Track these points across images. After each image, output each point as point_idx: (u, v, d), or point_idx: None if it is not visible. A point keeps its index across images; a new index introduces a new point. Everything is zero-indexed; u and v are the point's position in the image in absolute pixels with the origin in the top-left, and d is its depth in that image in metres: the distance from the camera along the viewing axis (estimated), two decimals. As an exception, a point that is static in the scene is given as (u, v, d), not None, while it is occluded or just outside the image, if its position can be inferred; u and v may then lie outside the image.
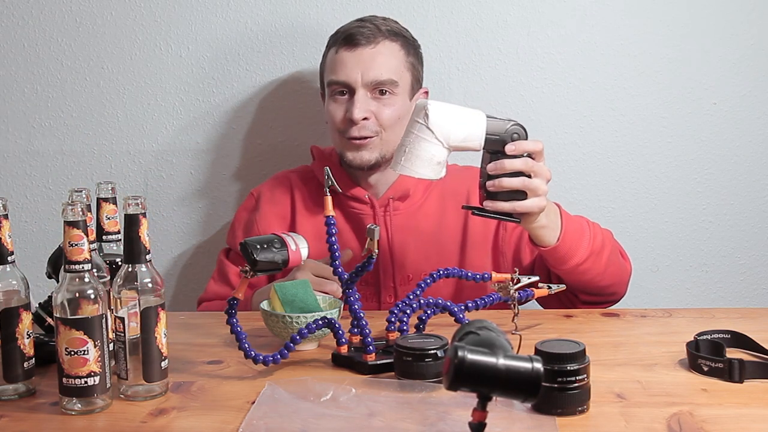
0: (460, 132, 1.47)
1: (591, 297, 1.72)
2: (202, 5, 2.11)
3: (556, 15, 2.08)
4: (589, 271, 1.65)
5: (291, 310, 1.51)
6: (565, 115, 2.11)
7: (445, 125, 1.46)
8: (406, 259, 1.81)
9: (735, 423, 1.18)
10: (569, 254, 1.62)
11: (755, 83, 2.09)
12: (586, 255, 1.63)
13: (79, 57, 2.13)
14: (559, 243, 1.59)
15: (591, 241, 1.64)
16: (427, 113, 1.45)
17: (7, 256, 1.28)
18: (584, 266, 1.64)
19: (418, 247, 1.82)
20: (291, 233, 1.37)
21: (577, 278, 1.66)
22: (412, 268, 1.81)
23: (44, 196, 2.18)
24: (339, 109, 1.80)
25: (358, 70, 1.78)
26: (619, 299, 1.77)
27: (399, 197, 1.83)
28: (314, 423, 1.16)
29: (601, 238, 1.67)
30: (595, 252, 1.64)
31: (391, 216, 1.82)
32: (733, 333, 1.44)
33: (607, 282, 1.70)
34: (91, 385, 1.23)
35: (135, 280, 1.26)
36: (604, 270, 1.68)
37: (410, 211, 1.83)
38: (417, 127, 1.46)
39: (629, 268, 1.77)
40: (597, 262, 1.65)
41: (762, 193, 2.14)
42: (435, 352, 1.30)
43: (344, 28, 1.84)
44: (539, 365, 0.95)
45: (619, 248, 1.77)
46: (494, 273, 1.51)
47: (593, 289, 1.70)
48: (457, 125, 1.47)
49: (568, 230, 1.60)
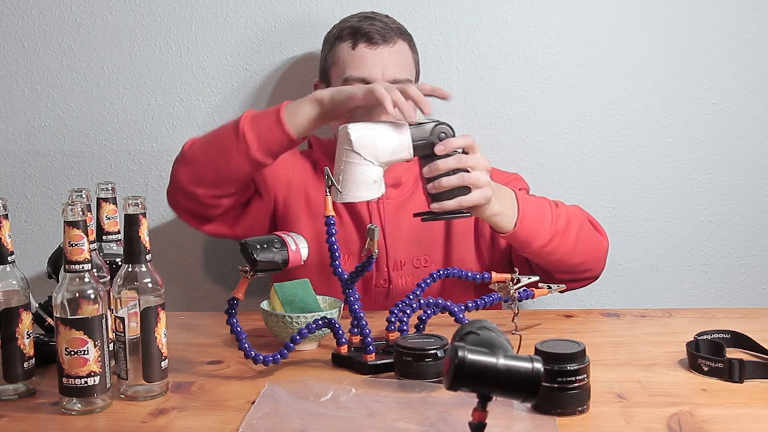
0: (387, 147, 1.47)
1: (566, 275, 1.71)
2: (202, 5, 2.11)
3: (556, 15, 2.08)
4: (556, 251, 1.65)
5: (291, 310, 1.51)
6: (565, 115, 2.11)
7: (370, 144, 1.46)
8: (398, 244, 1.83)
9: (735, 423, 1.18)
10: (530, 237, 1.61)
11: (755, 83, 2.09)
12: (549, 236, 1.62)
13: (79, 57, 2.13)
14: (517, 228, 1.59)
15: (553, 221, 1.63)
16: (349, 138, 1.45)
17: (7, 256, 1.28)
18: (549, 247, 1.63)
19: (409, 234, 1.84)
20: (291, 233, 1.38)
21: (545, 259, 1.67)
22: (404, 254, 1.82)
23: (44, 196, 2.18)
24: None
25: (380, 68, 1.80)
26: (597, 276, 1.77)
27: (392, 184, 1.84)
28: (314, 423, 1.16)
29: (565, 217, 1.66)
30: (559, 232, 1.64)
31: (384, 202, 1.83)
32: (733, 333, 1.44)
33: (579, 259, 1.69)
34: (91, 385, 1.23)
35: (135, 280, 1.26)
36: (573, 249, 1.67)
37: (402, 200, 1.85)
38: (345, 153, 1.46)
39: (605, 243, 1.76)
40: (563, 242, 1.65)
41: (762, 193, 2.14)
42: (435, 352, 1.30)
43: (354, 25, 1.85)
44: (539, 365, 0.95)
45: (593, 222, 1.76)
46: (494, 273, 1.51)
47: (564, 267, 1.69)
48: (382, 141, 1.46)
49: (525, 214, 1.60)
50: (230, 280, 2.18)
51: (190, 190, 1.71)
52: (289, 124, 1.59)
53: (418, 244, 1.83)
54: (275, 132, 1.60)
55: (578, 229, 1.68)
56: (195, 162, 1.70)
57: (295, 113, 1.59)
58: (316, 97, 1.59)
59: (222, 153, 1.64)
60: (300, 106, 1.60)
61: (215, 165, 1.66)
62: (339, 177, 1.47)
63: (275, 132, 1.60)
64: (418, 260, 1.82)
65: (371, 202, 1.83)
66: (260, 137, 1.61)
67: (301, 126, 1.59)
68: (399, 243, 1.83)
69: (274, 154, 1.63)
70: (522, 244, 1.63)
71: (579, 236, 1.68)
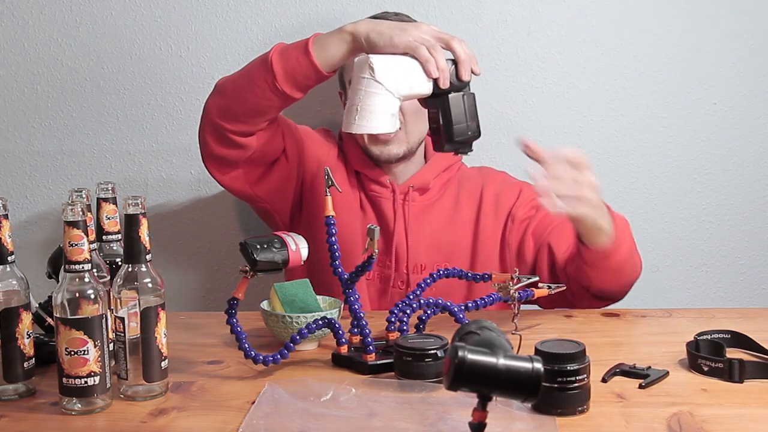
0: (407, 79, 1.47)
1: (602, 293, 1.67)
2: (202, 5, 2.11)
3: (556, 15, 2.08)
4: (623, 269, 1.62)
5: (291, 310, 1.51)
6: (565, 115, 2.11)
7: (393, 75, 1.46)
8: (420, 247, 1.83)
9: (735, 423, 1.18)
10: (613, 251, 1.58)
11: (755, 83, 2.09)
12: (626, 254, 1.60)
13: (79, 57, 2.13)
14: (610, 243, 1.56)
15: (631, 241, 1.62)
16: (372, 66, 1.45)
17: (7, 256, 1.28)
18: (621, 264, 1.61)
19: (432, 238, 1.84)
20: (291, 233, 1.38)
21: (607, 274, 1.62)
22: (425, 258, 1.82)
23: (44, 196, 2.18)
24: None
25: None
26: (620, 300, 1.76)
27: (418, 188, 1.84)
28: (314, 423, 1.16)
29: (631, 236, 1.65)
30: (631, 251, 1.62)
31: (409, 204, 1.83)
32: (733, 333, 1.44)
33: (627, 280, 1.67)
34: (91, 385, 1.23)
35: (135, 280, 1.26)
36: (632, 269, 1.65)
37: (427, 203, 1.85)
38: (364, 83, 1.45)
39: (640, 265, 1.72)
40: (631, 261, 1.63)
41: (762, 193, 2.14)
42: (435, 352, 1.30)
43: None
44: (539, 365, 0.95)
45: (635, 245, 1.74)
46: (494, 273, 1.51)
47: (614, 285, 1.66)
48: (403, 73, 1.47)
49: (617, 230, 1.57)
50: (230, 280, 2.18)
51: (219, 123, 1.68)
52: (318, 57, 1.56)
53: (439, 250, 1.83)
54: (303, 64, 1.57)
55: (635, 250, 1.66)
56: (225, 93, 1.68)
57: (325, 46, 1.56)
58: (349, 31, 1.55)
59: (251, 84, 1.62)
60: (331, 40, 1.56)
61: (244, 97, 1.64)
62: (356, 107, 1.46)
63: (303, 64, 1.57)
64: (438, 266, 1.78)
65: (396, 201, 1.83)
66: (287, 68, 1.58)
67: (330, 60, 1.56)
68: (420, 246, 1.82)
69: (302, 86, 1.60)
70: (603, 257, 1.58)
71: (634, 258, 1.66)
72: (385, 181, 1.85)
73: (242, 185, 1.79)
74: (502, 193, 1.85)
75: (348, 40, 1.55)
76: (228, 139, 1.69)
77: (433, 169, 1.86)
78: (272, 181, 1.81)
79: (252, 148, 1.71)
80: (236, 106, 1.65)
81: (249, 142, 1.70)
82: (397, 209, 1.83)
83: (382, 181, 1.85)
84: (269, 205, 1.85)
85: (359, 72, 1.47)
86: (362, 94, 1.46)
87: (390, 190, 1.85)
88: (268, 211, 1.87)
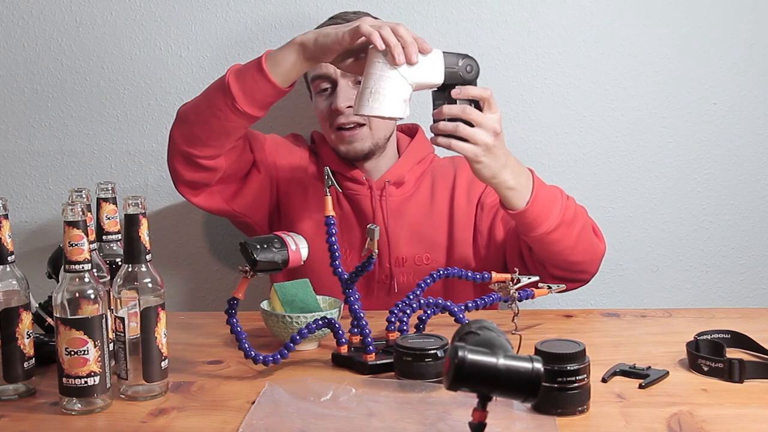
0: (421, 67, 1.48)
1: (561, 271, 1.71)
2: (202, 5, 2.11)
3: (556, 15, 2.08)
4: (559, 242, 1.64)
5: (291, 310, 1.51)
6: (565, 115, 2.11)
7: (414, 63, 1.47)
8: (400, 240, 1.84)
9: (735, 423, 1.18)
10: (538, 220, 1.61)
11: (755, 83, 2.09)
12: (556, 224, 1.62)
13: (79, 57, 2.13)
14: (527, 207, 1.59)
15: (562, 211, 1.63)
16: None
17: (7, 256, 1.28)
18: (553, 236, 1.63)
19: (411, 231, 1.85)
20: (291, 233, 1.38)
21: (545, 248, 1.66)
22: (406, 251, 1.83)
23: (44, 196, 2.18)
24: (324, 102, 1.84)
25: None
26: (589, 279, 1.76)
27: (394, 182, 1.86)
28: (314, 423, 1.16)
29: (573, 211, 1.66)
30: (566, 223, 1.63)
31: (386, 199, 1.84)
32: (733, 333, 1.44)
33: (578, 258, 1.69)
34: (91, 385, 1.23)
35: (135, 280, 1.26)
36: (575, 244, 1.66)
37: (404, 197, 1.87)
38: (379, 67, 1.47)
39: (603, 247, 1.75)
40: (567, 234, 1.64)
41: (762, 193, 2.14)
42: (435, 352, 1.30)
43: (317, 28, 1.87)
44: (539, 365, 0.95)
45: (594, 227, 1.76)
46: (494, 273, 1.51)
47: (563, 263, 1.68)
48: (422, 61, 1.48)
49: (538, 196, 1.60)
50: (230, 280, 2.18)
51: (186, 150, 1.69)
52: (273, 73, 1.57)
53: (419, 242, 1.84)
54: (259, 82, 1.58)
55: (582, 226, 1.68)
56: (189, 120, 1.69)
57: (278, 61, 1.58)
58: (298, 42, 1.57)
59: (212, 109, 1.63)
60: (282, 54, 1.58)
61: (208, 122, 1.65)
62: (369, 90, 1.46)
63: (259, 82, 1.58)
64: (419, 258, 1.83)
65: (374, 197, 1.83)
66: (245, 89, 1.59)
67: (285, 74, 1.58)
68: (401, 240, 1.84)
69: (262, 104, 1.61)
70: (529, 227, 1.62)
71: (582, 234, 1.68)
72: (360, 178, 1.86)
73: (219, 203, 1.81)
74: (473, 181, 1.84)
75: (298, 51, 1.56)
76: (197, 164, 1.70)
77: (408, 163, 1.88)
78: (248, 195, 1.84)
79: (222, 168, 1.73)
80: (201, 132, 1.66)
81: (218, 164, 1.71)
82: (375, 205, 1.84)
83: (358, 178, 1.86)
84: (249, 218, 1.87)
85: (374, 57, 1.48)
86: (376, 78, 1.47)
87: (366, 187, 1.86)
88: (249, 224, 1.90)
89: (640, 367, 1.33)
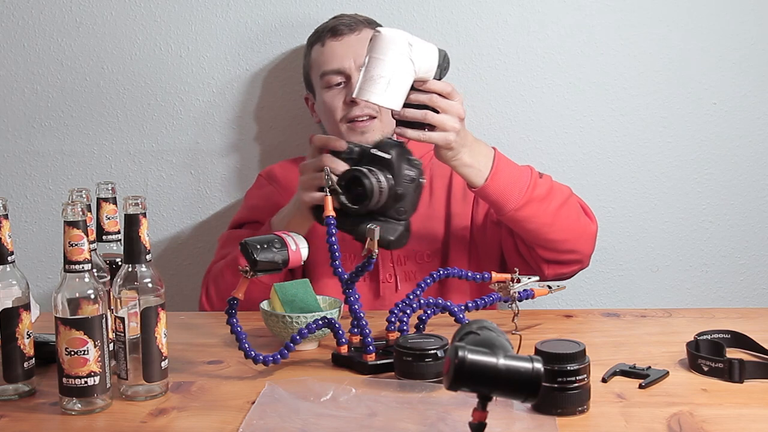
0: (426, 63, 1.49)
1: (549, 253, 1.73)
2: (202, 5, 2.11)
3: (556, 15, 2.08)
4: (532, 219, 1.67)
5: (291, 310, 1.51)
6: (565, 115, 2.11)
7: (423, 58, 1.48)
8: None
9: (735, 423, 1.18)
10: (503, 198, 1.64)
11: (755, 83, 2.09)
12: (523, 201, 1.64)
13: (79, 57, 2.13)
14: (486, 183, 1.62)
15: (530, 187, 1.65)
16: (411, 44, 1.45)
17: (7, 256, 1.28)
18: (523, 212, 1.65)
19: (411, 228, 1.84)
20: (291, 233, 1.38)
21: (521, 226, 1.69)
22: (407, 248, 1.83)
23: (44, 196, 2.18)
24: (337, 97, 1.86)
25: (350, 56, 1.86)
26: (584, 261, 1.78)
27: None
28: (314, 423, 1.16)
29: (547, 187, 1.69)
30: (536, 199, 1.66)
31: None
32: (733, 333, 1.44)
33: (560, 236, 1.71)
34: (91, 385, 1.23)
35: (135, 280, 1.26)
36: (552, 221, 1.69)
37: None
38: (398, 58, 1.45)
39: (593, 227, 1.78)
40: (541, 211, 1.67)
41: (762, 193, 2.14)
42: (435, 352, 1.30)
43: (321, 26, 1.93)
44: (539, 365, 0.95)
45: (582, 205, 1.79)
46: (494, 273, 1.51)
47: (544, 242, 1.71)
48: (428, 58, 1.49)
49: (499, 173, 1.63)
50: (230, 280, 2.18)
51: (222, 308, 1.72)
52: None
53: (420, 239, 1.84)
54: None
55: (561, 203, 1.70)
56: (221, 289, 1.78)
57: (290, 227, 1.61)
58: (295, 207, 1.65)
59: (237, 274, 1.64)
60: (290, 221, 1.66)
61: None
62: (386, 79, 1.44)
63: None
64: (420, 255, 1.84)
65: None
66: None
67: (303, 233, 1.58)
68: None
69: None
70: (495, 205, 1.66)
71: (561, 211, 1.70)
72: None
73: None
74: None
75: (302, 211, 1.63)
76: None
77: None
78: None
79: None
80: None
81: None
82: None
83: None
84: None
85: (391, 44, 1.45)
86: (393, 68, 1.44)
87: None
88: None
89: (640, 367, 1.33)
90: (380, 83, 1.46)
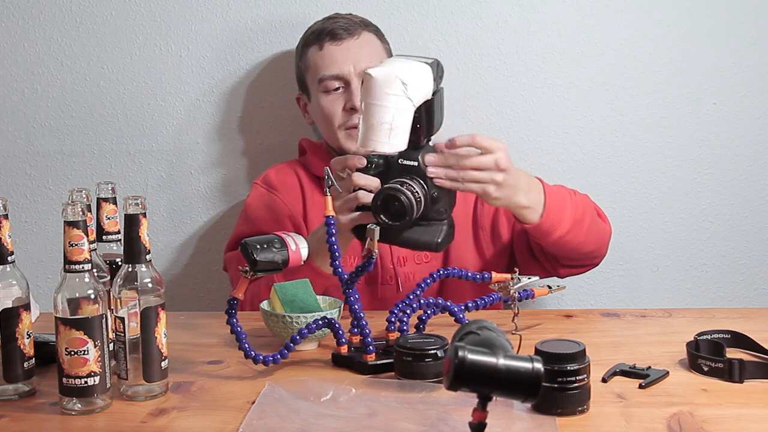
0: (422, 91, 1.43)
1: (572, 262, 1.76)
2: (202, 5, 2.10)
3: (556, 15, 2.08)
4: (573, 241, 1.69)
5: (291, 310, 1.51)
6: (565, 115, 2.11)
7: (418, 88, 1.42)
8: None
9: (735, 423, 1.18)
10: (553, 228, 1.65)
11: (755, 83, 2.09)
12: (569, 226, 1.66)
13: (79, 57, 2.13)
14: (542, 220, 1.63)
15: (573, 211, 1.67)
16: (405, 83, 1.40)
17: (7, 256, 1.28)
18: (568, 237, 1.67)
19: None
20: (291, 233, 1.37)
21: (561, 248, 1.71)
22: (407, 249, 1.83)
23: (44, 196, 2.18)
24: (336, 103, 1.85)
25: (350, 61, 1.84)
26: (600, 261, 1.81)
27: None
28: (314, 423, 1.16)
29: (582, 206, 1.70)
30: (577, 221, 1.68)
31: None
32: (733, 333, 1.44)
33: (590, 248, 1.74)
34: (91, 385, 1.23)
35: (135, 280, 1.26)
36: (586, 237, 1.71)
37: None
38: (394, 100, 1.40)
39: (609, 229, 1.80)
40: (579, 231, 1.69)
41: (762, 193, 2.14)
42: (435, 352, 1.30)
43: (317, 27, 1.91)
44: (539, 365, 0.95)
45: (598, 210, 1.80)
46: (494, 273, 1.51)
47: (576, 255, 1.74)
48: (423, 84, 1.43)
49: (551, 207, 1.63)
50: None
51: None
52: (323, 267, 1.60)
53: None
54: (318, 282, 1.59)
55: (591, 218, 1.72)
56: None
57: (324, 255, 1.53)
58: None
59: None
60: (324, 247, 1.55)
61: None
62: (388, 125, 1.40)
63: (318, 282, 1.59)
64: (419, 256, 1.84)
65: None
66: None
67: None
68: None
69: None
70: (544, 234, 1.66)
71: (591, 226, 1.72)
72: None
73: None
74: None
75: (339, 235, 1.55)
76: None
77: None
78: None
79: None
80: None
81: None
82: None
83: None
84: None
85: (385, 88, 1.40)
86: (393, 112, 1.40)
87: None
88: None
89: (640, 367, 1.33)
90: (383, 130, 1.42)
